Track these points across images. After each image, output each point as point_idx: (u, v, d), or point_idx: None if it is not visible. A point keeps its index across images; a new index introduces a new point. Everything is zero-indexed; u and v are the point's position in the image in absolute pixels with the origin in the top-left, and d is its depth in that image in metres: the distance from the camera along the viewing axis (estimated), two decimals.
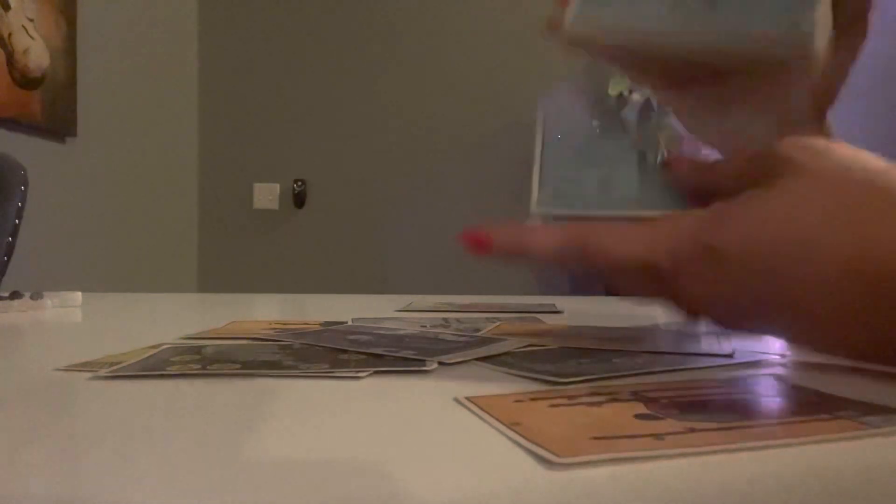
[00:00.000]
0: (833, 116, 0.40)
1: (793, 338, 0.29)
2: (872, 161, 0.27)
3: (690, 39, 0.33)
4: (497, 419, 0.21)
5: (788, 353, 0.34)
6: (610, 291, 0.32)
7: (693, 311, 0.30)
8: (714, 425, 0.20)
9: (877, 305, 0.25)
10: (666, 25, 0.32)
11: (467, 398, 0.23)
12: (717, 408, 0.23)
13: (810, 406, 0.23)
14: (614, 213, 0.31)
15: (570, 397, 0.24)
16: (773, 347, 0.36)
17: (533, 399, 0.24)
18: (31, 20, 1.93)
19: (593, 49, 0.39)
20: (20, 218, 1.05)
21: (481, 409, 0.22)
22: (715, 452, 0.18)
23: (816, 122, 0.40)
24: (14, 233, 1.03)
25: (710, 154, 0.34)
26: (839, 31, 0.34)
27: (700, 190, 0.32)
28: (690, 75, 0.40)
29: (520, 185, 2.71)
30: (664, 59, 0.39)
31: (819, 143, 0.28)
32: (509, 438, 0.19)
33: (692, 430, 0.20)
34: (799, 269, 0.25)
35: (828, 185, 0.26)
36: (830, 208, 0.25)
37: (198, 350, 0.34)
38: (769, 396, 0.26)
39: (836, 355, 0.28)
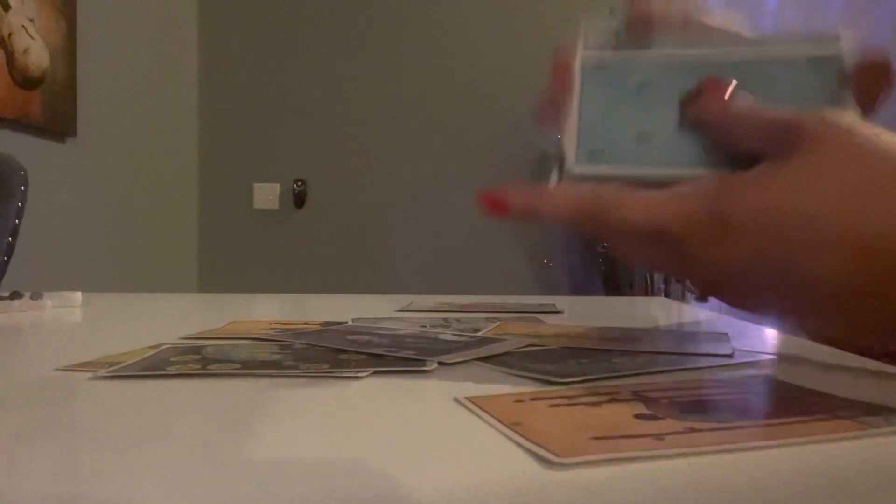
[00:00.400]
0: None
1: (796, 318, 0.29)
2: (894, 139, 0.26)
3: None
4: (497, 419, 0.21)
5: (786, 350, 0.34)
6: (619, 260, 0.32)
7: (700, 283, 0.30)
8: (714, 425, 0.20)
9: (889, 289, 0.24)
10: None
11: (467, 398, 0.23)
12: (717, 408, 0.23)
13: (810, 406, 0.23)
14: (651, 171, 0.30)
15: (569, 397, 0.24)
16: (773, 347, 0.36)
17: (533, 399, 0.24)
18: (31, 20, 1.93)
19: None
20: (20, 218, 1.05)
21: (481, 409, 0.22)
22: (715, 452, 0.18)
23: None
24: (14, 233, 1.03)
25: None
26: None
27: (719, 137, 0.30)
28: None
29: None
30: None
31: (844, 118, 0.27)
32: (509, 438, 0.19)
33: (692, 430, 0.20)
34: (812, 245, 0.25)
35: (849, 162, 0.25)
36: (850, 187, 0.25)
37: (198, 350, 0.34)
38: (769, 397, 0.26)
39: (836, 340, 0.27)
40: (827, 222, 0.25)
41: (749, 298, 0.28)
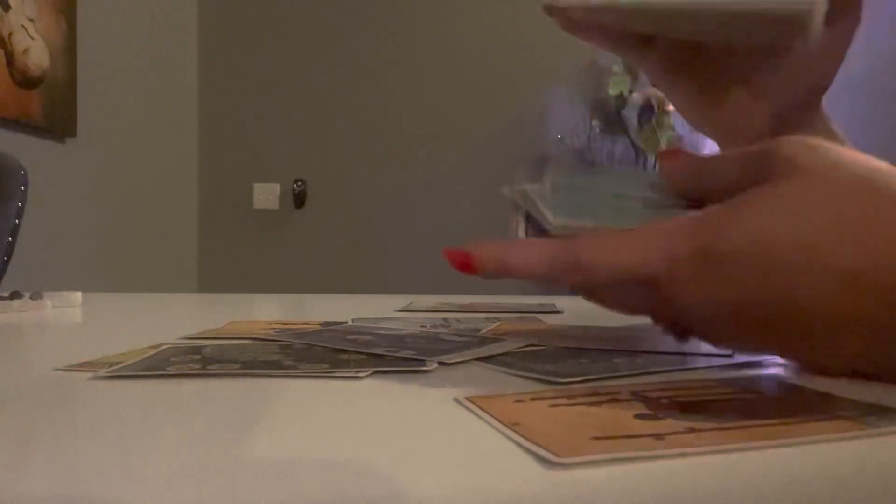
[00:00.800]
0: (836, 115, 0.40)
1: (787, 350, 0.28)
2: (872, 163, 0.26)
3: (687, 18, 0.33)
4: (497, 419, 0.21)
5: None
6: (599, 305, 0.31)
7: (685, 325, 0.29)
8: (714, 425, 0.20)
9: (881, 315, 0.24)
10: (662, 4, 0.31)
11: (467, 398, 0.23)
12: (717, 408, 0.23)
13: (810, 406, 0.23)
14: (628, 222, 0.30)
15: (569, 397, 0.24)
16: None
17: (533, 399, 0.24)
18: (31, 20, 1.93)
19: (592, 32, 0.39)
20: (20, 218, 1.05)
21: (481, 409, 0.22)
22: (715, 452, 0.18)
23: (813, 105, 0.40)
24: (14, 233, 1.03)
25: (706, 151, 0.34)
26: (833, 15, 0.34)
27: (695, 186, 0.31)
28: (686, 60, 0.40)
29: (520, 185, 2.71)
30: (661, 40, 0.40)
31: (817, 142, 0.27)
32: (509, 438, 0.19)
33: (692, 430, 0.20)
34: (799, 273, 0.24)
35: (828, 187, 0.25)
36: (832, 213, 0.25)
37: (198, 350, 0.34)
38: (769, 396, 0.26)
39: (828, 369, 0.27)
40: (814, 251, 0.24)
41: (734, 335, 0.28)
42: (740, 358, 0.33)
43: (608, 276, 0.27)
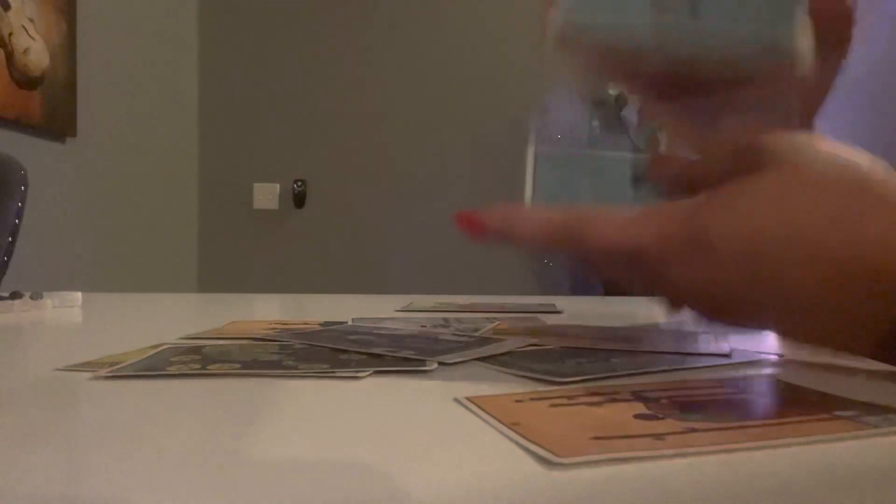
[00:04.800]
0: (834, 116, 0.40)
1: (777, 328, 0.29)
2: (857, 156, 0.27)
3: (672, 46, 0.33)
4: (497, 419, 0.21)
5: (786, 352, 0.34)
6: (597, 282, 0.32)
7: (678, 302, 0.30)
8: (714, 425, 0.20)
9: (863, 303, 0.25)
10: (647, 31, 0.32)
11: (467, 398, 0.23)
12: (717, 408, 0.23)
13: (810, 406, 0.23)
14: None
15: (569, 397, 0.24)
16: (771, 347, 0.36)
17: (533, 399, 0.24)
18: (31, 20, 1.93)
19: (582, 55, 0.39)
20: (20, 218, 1.05)
21: (481, 409, 0.22)
22: (715, 452, 0.18)
23: (804, 131, 0.40)
24: (14, 233, 1.03)
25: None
26: (822, 46, 0.35)
27: (685, 184, 0.32)
28: (678, 86, 0.40)
29: (520, 185, 2.70)
30: (651, 67, 0.40)
31: (802, 136, 0.28)
32: (509, 438, 0.19)
33: (692, 430, 0.20)
34: (785, 262, 0.25)
35: (814, 179, 0.26)
36: (818, 204, 0.26)
37: (198, 350, 0.34)
38: (768, 396, 0.26)
39: (819, 344, 0.28)
40: (802, 240, 0.25)
41: (727, 312, 0.29)
42: (739, 357, 0.33)
43: (602, 250, 0.28)
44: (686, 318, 0.32)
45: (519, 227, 0.30)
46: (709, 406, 0.23)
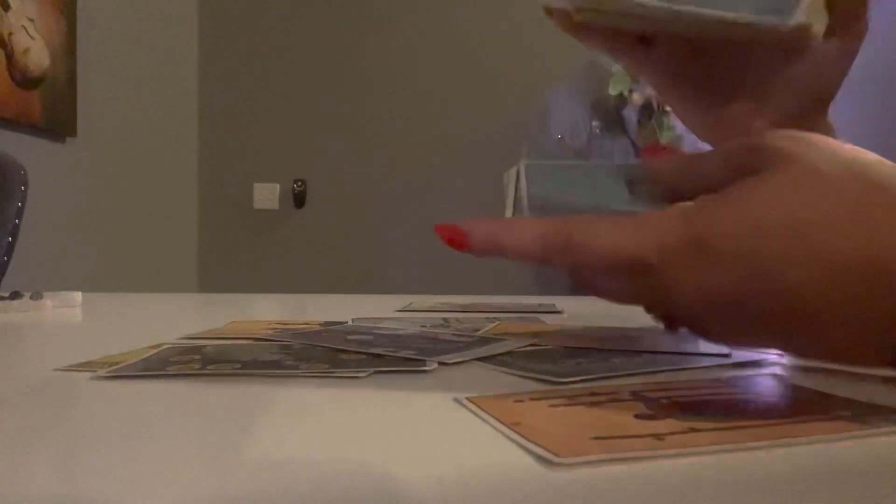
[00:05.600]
0: (834, 114, 0.40)
1: (781, 340, 0.28)
2: (862, 154, 0.26)
3: (679, 19, 0.33)
4: (497, 419, 0.21)
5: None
6: (591, 294, 0.31)
7: (677, 316, 0.29)
8: (714, 425, 0.20)
9: (871, 303, 0.24)
10: (655, 4, 0.32)
11: (467, 398, 0.23)
12: (717, 408, 0.23)
13: (809, 406, 0.23)
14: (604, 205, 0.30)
15: (570, 398, 0.24)
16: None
17: (533, 399, 0.24)
18: (31, 20, 1.93)
19: (591, 35, 0.39)
20: (20, 218, 1.05)
21: (481, 409, 0.22)
22: (715, 452, 0.18)
23: (816, 115, 0.40)
24: (14, 233, 1.03)
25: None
26: (837, 26, 0.34)
27: (683, 187, 0.30)
28: (687, 63, 0.40)
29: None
30: (661, 41, 0.40)
31: (807, 135, 0.27)
32: (509, 438, 0.19)
33: (692, 430, 0.20)
34: (791, 262, 0.24)
35: (819, 178, 0.25)
36: (824, 203, 0.25)
37: (198, 350, 0.34)
38: (769, 396, 0.26)
39: (821, 356, 0.27)
40: (809, 241, 0.24)
41: (725, 327, 0.27)
42: (740, 357, 0.33)
43: (599, 259, 0.27)
44: (682, 335, 0.31)
45: (508, 240, 0.29)
46: (709, 406, 0.23)
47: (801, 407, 0.23)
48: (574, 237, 0.27)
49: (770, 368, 0.31)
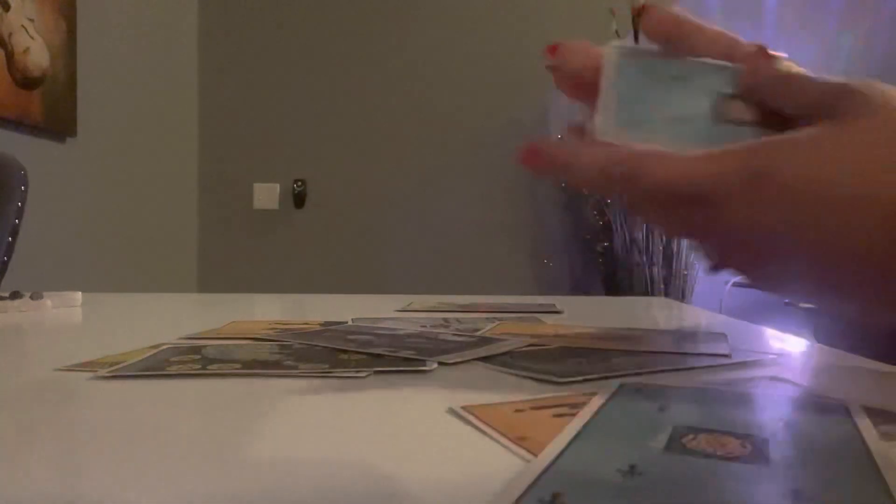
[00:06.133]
0: None
1: (819, 291, 0.27)
2: None
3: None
4: (500, 433, 0.20)
5: (784, 350, 0.34)
6: (645, 223, 0.31)
7: (724, 252, 0.29)
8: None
9: None
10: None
11: (464, 407, 0.23)
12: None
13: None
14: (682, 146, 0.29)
15: (572, 405, 0.23)
16: (771, 348, 0.36)
17: (534, 408, 0.23)
18: (31, 20, 1.93)
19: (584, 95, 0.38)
20: (20, 218, 1.05)
21: (482, 421, 0.21)
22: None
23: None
24: (14, 233, 1.03)
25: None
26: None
27: (775, 96, 0.30)
28: None
29: (521, 185, 2.69)
30: None
31: (892, 87, 0.27)
32: (518, 455, 0.19)
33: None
34: (856, 206, 0.24)
35: None
36: None
37: (198, 350, 0.34)
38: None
39: (863, 305, 0.26)
40: (871, 182, 0.24)
41: (772, 270, 0.27)
42: (738, 357, 0.33)
43: (659, 187, 0.27)
44: (725, 277, 0.30)
45: (578, 162, 0.30)
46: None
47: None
48: (637, 165, 0.28)
49: (769, 369, 0.31)
